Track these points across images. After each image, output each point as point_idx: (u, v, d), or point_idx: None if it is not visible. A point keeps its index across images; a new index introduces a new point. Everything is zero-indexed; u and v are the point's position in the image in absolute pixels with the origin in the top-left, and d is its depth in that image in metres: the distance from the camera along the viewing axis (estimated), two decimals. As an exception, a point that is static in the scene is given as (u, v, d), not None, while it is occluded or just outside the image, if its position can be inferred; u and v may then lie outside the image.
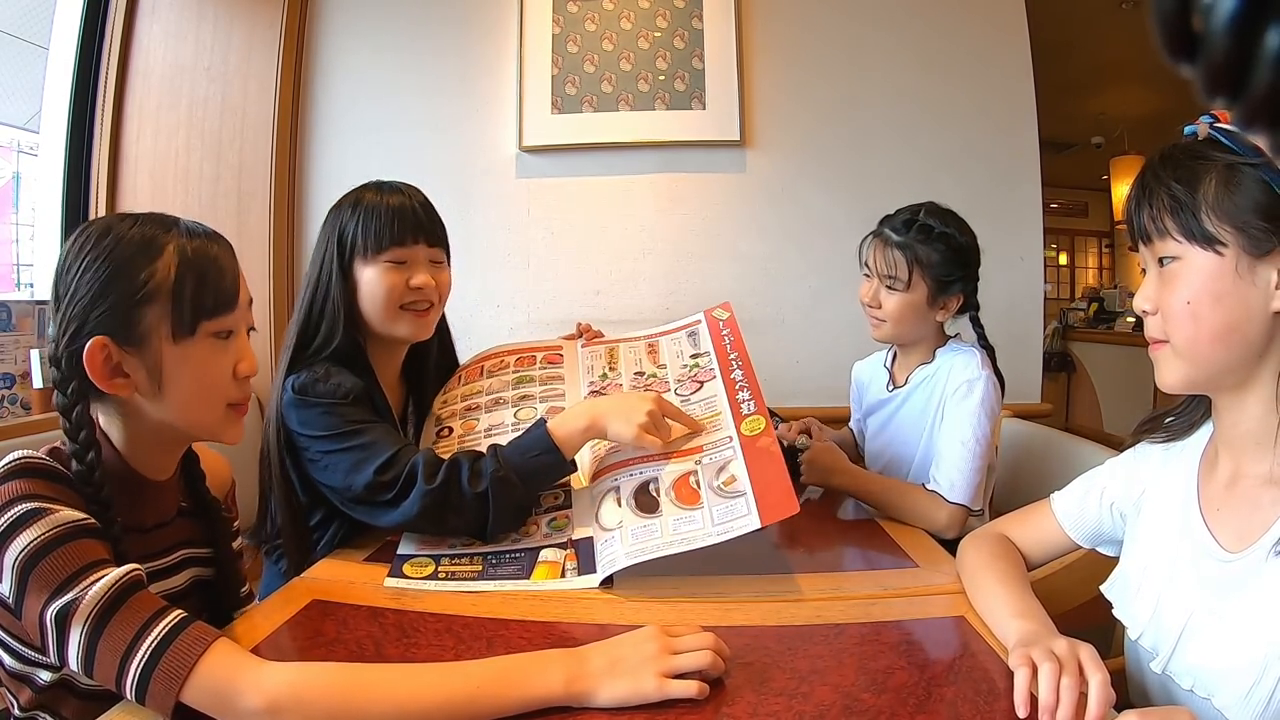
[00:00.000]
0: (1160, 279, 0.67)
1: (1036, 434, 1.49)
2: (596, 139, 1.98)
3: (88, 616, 0.58)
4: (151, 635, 0.58)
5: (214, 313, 0.71)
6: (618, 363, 1.18)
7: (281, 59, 2.02)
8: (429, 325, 1.12)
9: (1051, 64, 2.29)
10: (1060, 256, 7.66)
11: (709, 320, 1.20)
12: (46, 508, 0.61)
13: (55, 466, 0.66)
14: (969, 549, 0.88)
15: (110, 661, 0.58)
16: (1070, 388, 5.13)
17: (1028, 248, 1.94)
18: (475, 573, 0.89)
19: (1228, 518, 0.66)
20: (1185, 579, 0.68)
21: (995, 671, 0.67)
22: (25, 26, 1.96)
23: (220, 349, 0.72)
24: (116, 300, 0.67)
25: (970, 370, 1.17)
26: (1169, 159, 0.67)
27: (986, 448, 1.14)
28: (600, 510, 0.94)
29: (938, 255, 1.18)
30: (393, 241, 1.05)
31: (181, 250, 0.69)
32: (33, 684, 0.68)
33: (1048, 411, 1.92)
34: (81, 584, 0.58)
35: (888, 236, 1.21)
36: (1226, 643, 0.63)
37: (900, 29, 1.95)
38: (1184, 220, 0.64)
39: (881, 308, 1.21)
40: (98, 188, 1.95)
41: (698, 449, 0.96)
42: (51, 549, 0.59)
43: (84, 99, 1.95)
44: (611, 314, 2.00)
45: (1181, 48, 0.20)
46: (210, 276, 0.70)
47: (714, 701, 0.62)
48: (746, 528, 0.84)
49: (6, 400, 1.49)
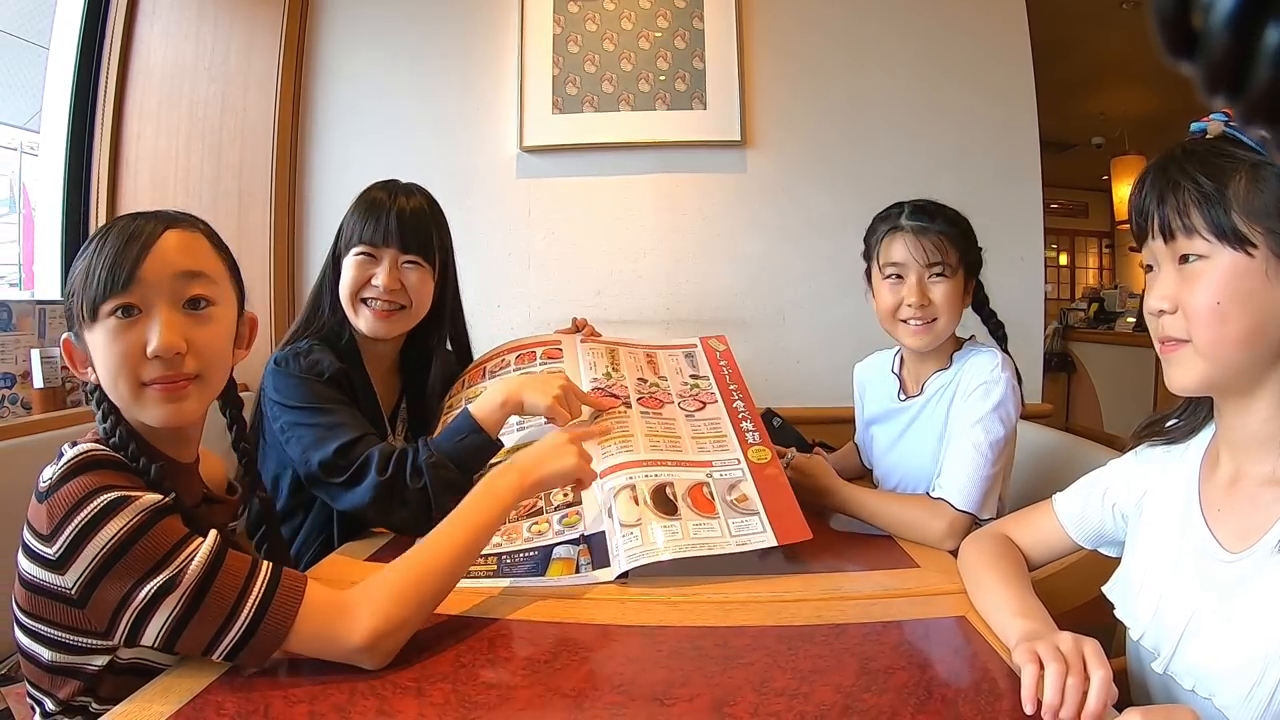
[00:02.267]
0: (1181, 277, 0.65)
1: (1036, 434, 1.48)
2: (597, 139, 1.98)
3: (186, 590, 0.61)
4: (253, 594, 0.63)
5: (110, 292, 0.68)
6: (620, 365, 1.18)
7: (282, 59, 2.02)
8: (392, 327, 1.12)
9: (1051, 64, 2.29)
10: (1060, 257, 7.65)
11: (706, 348, 1.23)
12: (128, 495, 0.63)
13: (116, 455, 0.67)
14: (970, 548, 0.88)
15: (208, 626, 0.62)
16: (1070, 388, 5.13)
17: (1028, 248, 1.94)
18: (491, 571, 0.89)
19: (1229, 518, 0.66)
20: (1186, 579, 0.68)
21: (996, 672, 0.67)
22: (25, 26, 1.97)
23: (122, 328, 0.68)
24: (69, 297, 0.71)
25: (989, 372, 1.08)
26: (1193, 154, 0.65)
27: (999, 454, 1.06)
28: (616, 505, 0.93)
29: (959, 234, 1.12)
30: (362, 239, 1.10)
31: (95, 243, 0.70)
32: (81, 674, 0.68)
33: (1048, 412, 1.92)
34: (176, 562, 0.62)
35: (915, 226, 1.11)
36: (1228, 643, 0.62)
37: (900, 29, 1.95)
38: (1215, 217, 0.62)
39: (931, 303, 1.11)
40: (98, 187, 1.95)
41: (707, 463, 0.99)
42: (142, 534, 0.61)
43: (84, 99, 1.95)
44: (611, 314, 2.00)
45: (1181, 45, 0.20)
46: (108, 255, 0.68)
47: (714, 701, 0.62)
48: (764, 543, 0.89)
49: (7, 400, 1.49)
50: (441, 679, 0.67)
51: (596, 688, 0.65)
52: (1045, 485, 1.30)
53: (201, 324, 0.72)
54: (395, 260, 1.10)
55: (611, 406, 1.05)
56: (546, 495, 0.99)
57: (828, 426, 1.61)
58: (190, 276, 0.72)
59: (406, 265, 1.11)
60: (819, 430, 1.57)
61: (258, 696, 0.63)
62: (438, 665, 0.69)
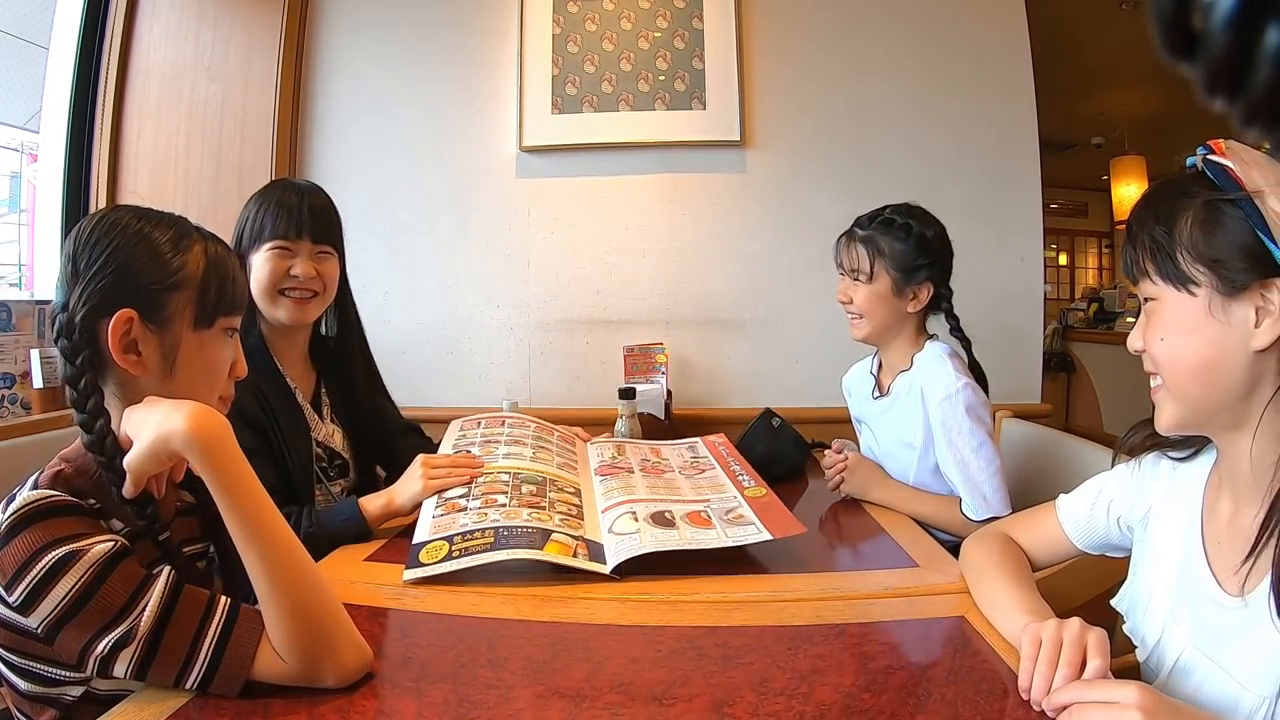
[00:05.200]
0: (1145, 318, 0.69)
1: (1036, 434, 1.48)
2: (597, 139, 1.97)
3: (142, 638, 0.60)
4: (210, 632, 0.62)
5: (229, 310, 0.78)
6: (625, 450, 1.29)
7: (281, 59, 2.02)
8: (309, 312, 1.21)
9: (1051, 64, 2.29)
10: (1060, 257, 7.66)
11: (705, 442, 1.33)
12: (76, 550, 0.60)
13: (63, 500, 0.64)
14: (974, 548, 0.87)
15: (172, 663, 0.61)
16: (1070, 388, 5.13)
17: (1028, 248, 1.93)
18: (488, 545, 0.89)
19: (1227, 553, 0.66)
20: (1183, 613, 0.68)
21: (995, 671, 0.67)
22: (25, 26, 1.96)
23: (227, 344, 0.79)
24: (147, 282, 0.71)
25: (946, 384, 1.17)
26: (1153, 199, 0.68)
27: (992, 452, 1.15)
28: (615, 526, 0.97)
29: (899, 244, 1.23)
30: (275, 233, 1.16)
31: (207, 249, 0.76)
32: (58, 704, 0.68)
33: (1047, 412, 1.92)
34: (132, 614, 0.60)
35: (853, 233, 1.28)
36: (1213, 687, 0.62)
37: (901, 29, 1.95)
38: (1160, 263, 0.65)
39: (852, 302, 1.27)
40: (98, 187, 1.95)
41: (704, 500, 1.06)
42: (95, 589, 0.60)
43: (84, 99, 1.95)
44: (611, 314, 2.00)
45: (1181, 46, 0.20)
46: (229, 277, 0.77)
47: (714, 701, 0.62)
48: (759, 538, 0.94)
49: (6, 400, 1.49)
50: (441, 679, 0.67)
51: (596, 688, 0.65)
52: (1044, 485, 1.30)
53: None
54: (310, 251, 1.19)
55: (470, 462, 1.11)
56: (550, 505, 1.01)
57: (826, 426, 1.61)
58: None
59: (321, 255, 1.20)
60: (817, 430, 1.57)
61: (258, 697, 0.63)
62: (438, 665, 0.69)
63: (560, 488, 1.07)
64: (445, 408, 1.48)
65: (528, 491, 1.03)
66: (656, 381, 1.75)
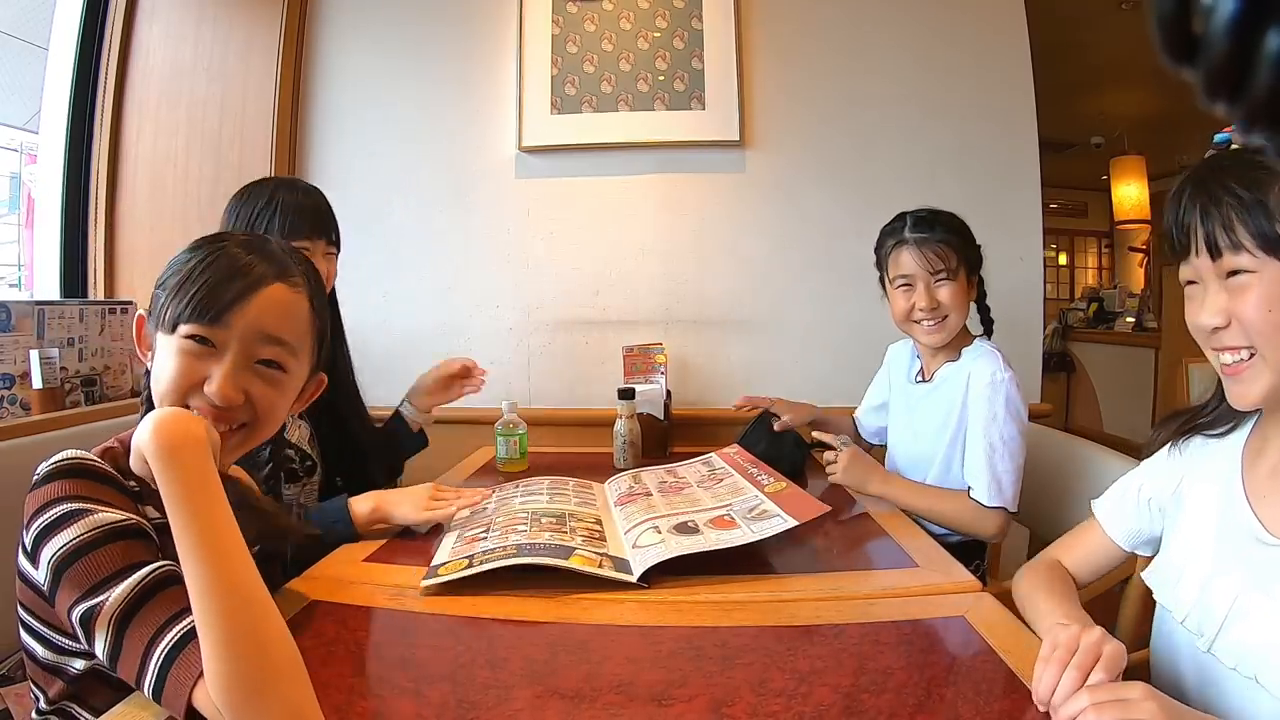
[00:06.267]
0: (1229, 292, 0.65)
1: (1036, 434, 1.48)
2: (596, 139, 1.97)
3: (109, 620, 0.58)
4: (166, 639, 0.57)
5: (190, 318, 0.69)
6: (642, 477, 1.30)
7: (281, 59, 2.02)
8: None
9: (1051, 64, 2.29)
10: (1060, 257, 7.65)
11: (720, 454, 1.36)
12: (86, 509, 0.62)
13: (101, 467, 0.67)
14: (1024, 578, 0.88)
15: (132, 662, 0.57)
16: (1070, 388, 5.13)
17: (1027, 248, 1.93)
18: (512, 554, 0.88)
19: (1274, 504, 0.67)
20: (1231, 563, 0.69)
21: (995, 672, 0.67)
22: (25, 26, 1.97)
23: (193, 353, 0.69)
24: (159, 287, 0.74)
25: (994, 373, 1.18)
26: (1228, 167, 0.65)
27: (1017, 449, 1.16)
28: (638, 540, 0.97)
29: (957, 236, 1.24)
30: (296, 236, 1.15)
31: (207, 255, 0.72)
32: (64, 674, 0.68)
33: (1047, 411, 1.92)
34: (109, 589, 0.59)
35: (917, 238, 1.24)
36: (1274, 623, 0.63)
37: (900, 29, 1.95)
38: (1260, 230, 0.62)
39: (940, 304, 1.23)
40: (98, 188, 1.95)
41: (725, 505, 1.07)
42: (85, 552, 0.60)
43: (84, 99, 1.94)
44: (611, 314, 2.00)
45: (1181, 50, 0.20)
46: (206, 284, 0.70)
47: (713, 702, 0.62)
48: (785, 526, 0.95)
49: (6, 400, 1.49)
50: (440, 679, 0.67)
51: (595, 688, 0.65)
52: (1044, 485, 1.30)
53: (266, 383, 0.72)
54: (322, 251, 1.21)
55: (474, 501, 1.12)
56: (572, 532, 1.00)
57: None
58: (272, 341, 0.72)
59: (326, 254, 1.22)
60: (818, 430, 1.57)
61: (257, 697, 0.62)
62: (437, 666, 0.69)
63: (580, 518, 1.06)
64: (444, 407, 1.48)
65: (548, 523, 1.02)
66: (656, 382, 1.75)
